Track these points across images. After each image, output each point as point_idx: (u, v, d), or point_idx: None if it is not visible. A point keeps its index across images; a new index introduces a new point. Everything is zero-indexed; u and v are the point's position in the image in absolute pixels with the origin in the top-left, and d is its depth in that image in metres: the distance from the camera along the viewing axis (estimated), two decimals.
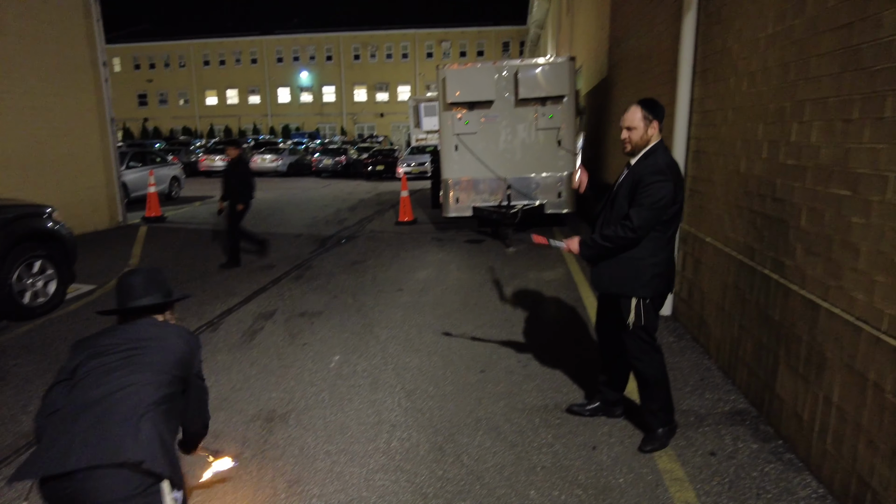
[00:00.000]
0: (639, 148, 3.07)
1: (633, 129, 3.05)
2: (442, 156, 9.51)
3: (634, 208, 2.95)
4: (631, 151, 3.11)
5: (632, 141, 3.06)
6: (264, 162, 25.94)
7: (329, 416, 3.68)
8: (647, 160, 3.03)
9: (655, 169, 2.96)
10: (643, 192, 2.94)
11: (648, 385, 3.18)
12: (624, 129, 3.10)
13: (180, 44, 54.54)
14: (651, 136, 3.06)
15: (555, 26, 21.66)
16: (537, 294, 6.17)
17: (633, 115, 3.05)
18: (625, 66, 8.21)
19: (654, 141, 3.07)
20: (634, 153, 3.10)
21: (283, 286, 6.85)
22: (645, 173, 2.96)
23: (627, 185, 3.05)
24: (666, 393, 3.21)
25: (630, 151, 3.11)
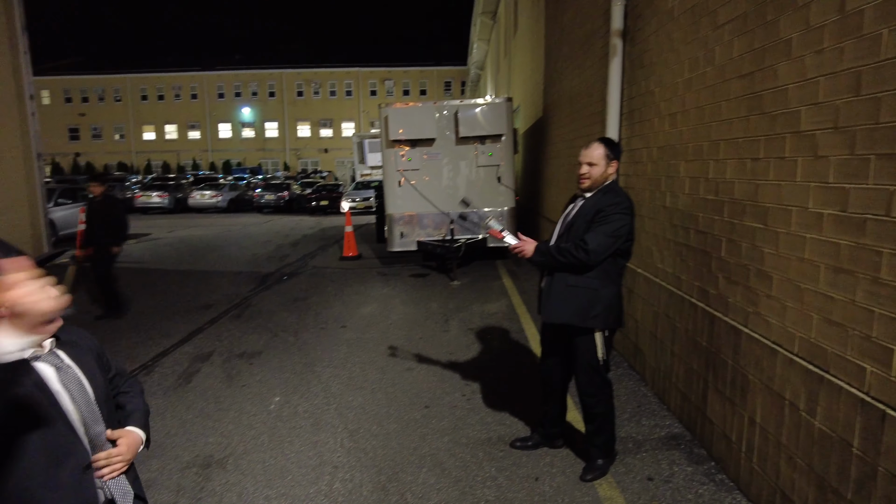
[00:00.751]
0: (597, 184, 3.16)
1: (594, 165, 3.12)
2: (386, 191, 9.59)
3: (592, 233, 3.00)
4: (589, 187, 3.16)
5: (592, 176, 3.12)
6: (204, 198, 25.28)
7: (269, 460, 3.56)
8: (608, 194, 3.13)
9: (618, 201, 3.07)
10: (604, 219, 3.01)
11: (596, 420, 3.23)
12: (584, 164, 3.15)
13: (116, 77, 53.06)
14: (610, 175, 3.16)
15: (493, 68, 22.46)
16: (481, 327, 6.24)
17: (595, 152, 3.13)
18: (559, 107, 8.59)
19: (610, 179, 3.18)
20: (591, 189, 3.17)
21: (220, 326, 6.64)
22: (607, 203, 3.06)
23: (586, 215, 3.10)
24: (612, 427, 3.29)
25: (588, 187, 3.16)
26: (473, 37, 26.21)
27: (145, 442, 1.75)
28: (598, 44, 6.07)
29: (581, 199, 3.22)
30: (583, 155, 3.19)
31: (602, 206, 3.04)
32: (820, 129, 2.42)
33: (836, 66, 2.33)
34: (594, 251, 2.97)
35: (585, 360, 3.15)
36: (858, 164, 2.20)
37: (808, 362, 2.47)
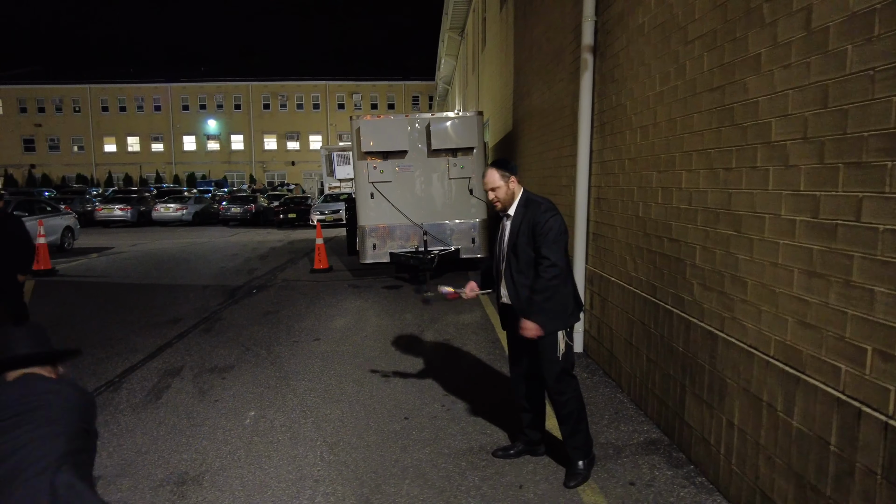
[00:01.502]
0: (509, 202, 3.34)
1: (496, 188, 3.31)
2: (358, 203, 9.55)
3: (545, 247, 3.13)
4: (503, 208, 3.36)
5: (500, 199, 3.33)
6: (168, 211, 24.73)
7: (247, 476, 3.48)
8: (531, 206, 3.28)
9: (546, 207, 3.24)
10: (545, 229, 3.15)
11: (570, 420, 3.28)
12: (489, 191, 3.35)
13: (75, 87, 51.65)
14: (514, 190, 3.34)
15: (461, 83, 22.70)
16: (456, 337, 6.24)
17: (492, 178, 3.32)
18: (528, 121, 8.73)
19: (518, 192, 3.36)
20: (506, 207, 3.36)
21: (190, 340, 6.48)
22: (538, 213, 3.21)
23: (525, 233, 3.24)
24: (586, 426, 3.35)
25: (503, 208, 3.36)
26: (441, 52, 26.46)
27: None
28: (568, 59, 6.21)
29: (507, 219, 3.39)
30: (484, 184, 3.41)
31: (535, 219, 3.20)
32: (790, 140, 2.53)
33: (804, 80, 2.44)
34: (559, 260, 3.14)
35: (549, 360, 3.24)
36: (828, 173, 2.31)
37: (785, 364, 2.55)
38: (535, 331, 3.15)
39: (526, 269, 3.25)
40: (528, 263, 3.24)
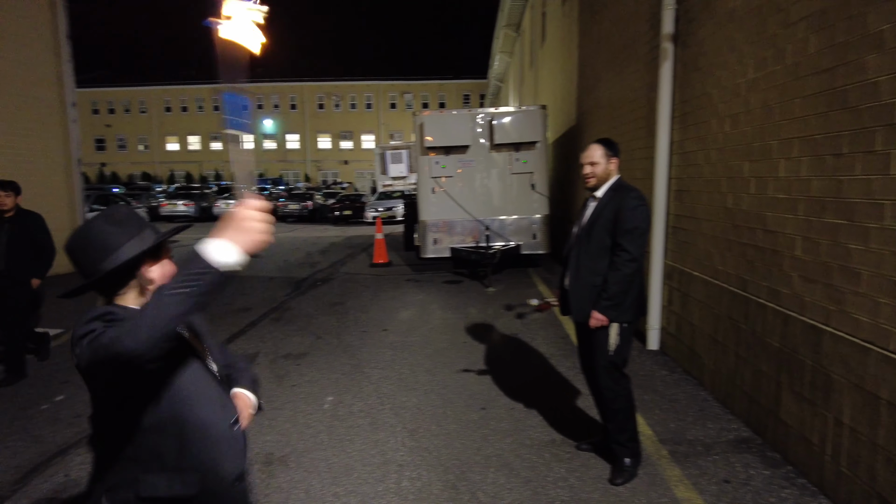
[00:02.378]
0: (602, 182, 3.25)
1: (595, 164, 3.23)
2: (419, 199, 9.61)
3: (626, 238, 3.05)
4: (594, 186, 3.27)
5: (596, 174, 3.24)
6: (228, 207, 25.52)
7: (331, 458, 3.54)
8: (621, 191, 3.18)
9: (636, 195, 3.13)
10: (630, 218, 3.06)
11: (617, 417, 3.21)
12: (586, 164, 3.27)
13: (141, 90, 54.10)
14: (612, 171, 3.25)
15: (517, 79, 22.53)
16: (524, 332, 6.19)
17: (595, 152, 3.25)
18: (595, 114, 8.57)
19: (614, 175, 3.27)
20: (597, 187, 3.27)
21: (261, 328, 6.67)
22: (626, 199, 3.11)
23: (607, 216, 3.15)
24: (634, 424, 3.27)
25: (594, 186, 3.27)
26: (495, 49, 26.35)
27: (257, 406, 1.82)
28: (643, 50, 6.06)
29: (593, 201, 3.29)
30: (583, 157, 3.31)
31: (622, 205, 3.10)
32: None
33: None
34: (639, 255, 3.06)
35: (601, 351, 3.17)
36: None
37: None
38: (597, 321, 3.09)
39: (595, 254, 3.17)
40: (600, 249, 3.16)
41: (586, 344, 3.33)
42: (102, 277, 1.44)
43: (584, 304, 3.18)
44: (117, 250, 1.44)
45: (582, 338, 3.40)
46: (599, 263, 3.14)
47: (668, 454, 3.45)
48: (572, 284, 3.26)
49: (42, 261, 5.14)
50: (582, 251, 3.23)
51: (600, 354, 3.16)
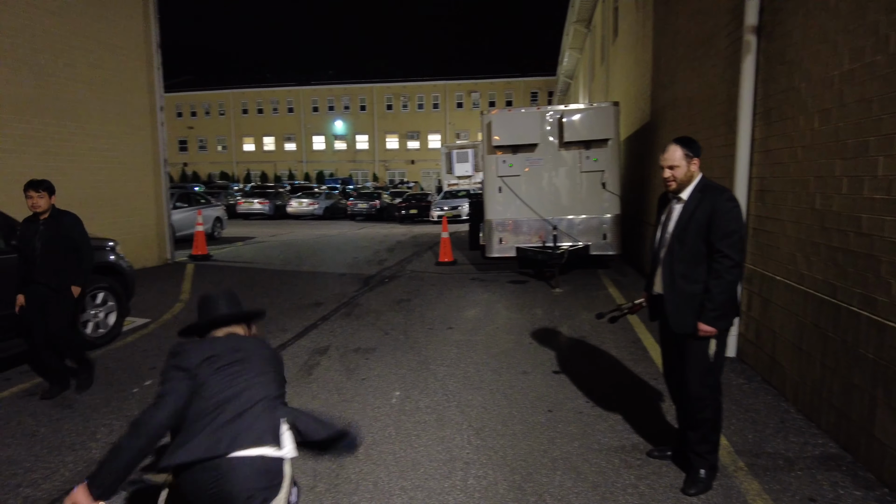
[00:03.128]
0: (684, 184, 3.11)
1: (675, 167, 3.09)
2: (485, 198, 9.60)
3: (725, 243, 2.91)
4: (676, 189, 3.14)
5: (676, 178, 3.10)
6: (301, 205, 26.59)
7: (399, 452, 3.61)
8: (710, 192, 3.03)
9: (729, 196, 2.99)
10: (727, 222, 2.91)
11: (703, 426, 3.08)
12: (666, 168, 3.13)
13: (220, 93, 57.00)
14: (693, 172, 3.11)
15: (587, 76, 22.08)
16: (592, 335, 6.07)
17: (674, 154, 3.10)
18: (671, 111, 8.27)
19: (696, 176, 3.12)
20: (680, 189, 3.13)
21: (333, 323, 6.87)
22: (719, 201, 2.96)
23: (699, 220, 3.00)
24: (717, 437, 3.13)
25: (676, 189, 3.14)
26: (565, 46, 25.94)
27: None
28: (723, 43, 5.79)
29: (677, 202, 3.15)
30: (663, 159, 3.16)
31: (715, 208, 2.95)
32: None
33: None
34: (741, 260, 2.96)
35: (696, 360, 3.04)
36: None
37: None
38: (706, 332, 2.97)
39: (690, 261, 3.04)
40: (695, 255, 3.03)
41: (676, 351, 3.21)
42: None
43: (683, 315, 3.05)
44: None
45: (670, 345, 3.28)
46: (696, 271, 3.02)
47: (746, 467, 3.29)
48: (667, 293, 3.13)
49: (81, 266, 4.72)
50: (675, 259, 3.10)
51: (696, 362, 3.04)
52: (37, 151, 8.73)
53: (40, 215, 4.64)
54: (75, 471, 3.51)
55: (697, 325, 2.98)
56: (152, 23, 11.15)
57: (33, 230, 4.62)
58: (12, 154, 8.30)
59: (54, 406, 4.49)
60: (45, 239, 4.59)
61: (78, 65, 9.51)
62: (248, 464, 1.95)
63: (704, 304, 2.96)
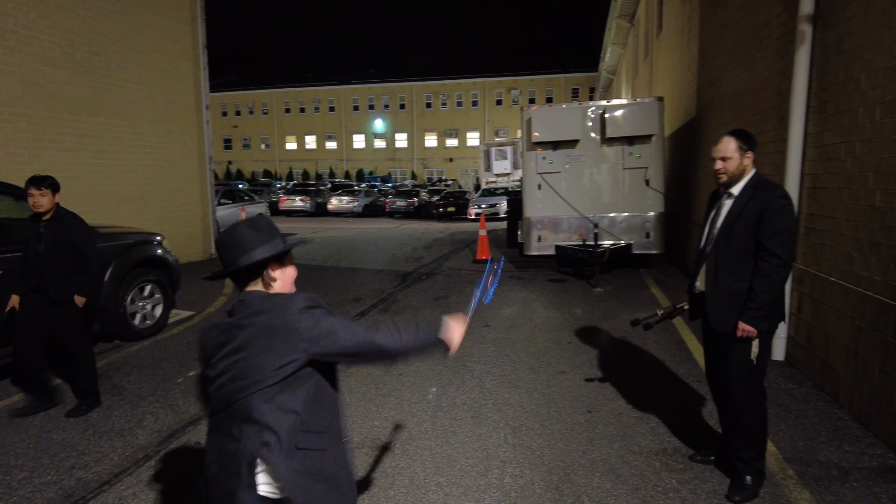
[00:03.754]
0: (735, 178, 2.99)
1: (728, 159, 2.97)
2: (524, 195, 9.51)
3: (775, 242, 2.79)
4: (727, 182, 3.02)
5: (728, 171, 2.99)
6: (342, 203, 26.97)
7: (435, 448, 3.60)
8: (763, 188, 2.90)
9: (781, 193, 2.86)
10: (779, 219, 2.79)
11: (747, 432, 2.96)
12: (717, 160, 3.01)
13: (264, 92, 58.26)
14: (746, 166, 2.98)
15: (630, 71, 21.64)
16: (635, 336, 5.93)
17: (727, 146, 2.98)
18: (717, 106, 8.01)
19: (749, 170, 3.00)
20: (731, 183, 3.01)
21: (371, 318, 6.92)
22: (772, 198, 2.83)
23: (749, 216, 2.88)
24: (763, 441, 3.00)
25: (726, 182, 3.02)
26: (607, 41, 25.47)
27: None
28: (775, 35, 5.56)
29: (728, 198, 3.02)
30: (715, 151, 3.04)
31: (767, 204, 2.82)
32: None
33: None
34: (791, 259, 2.83)
35: (739, 362, 2.92)
36: None
37: None
38: (745, 331, 2.85)
39: (737, 258, 2.93)
40: (742, 252, 2.91)
41: (719, 352, 3.10)
42: (238, 270, 1.74)
43: (724, 312, 2.94)
44: (252, 251, 1.72)
45: (712, 345, 3.17)
46: (742, 268, 2.90)
47: (796, 475, 3.15)
48: (709, 290, 3.03)
49: (86, 274, 4.24)
50: (720, 254, 2.99)
51: (737, 364, 2.93)
52: (92, 150, 9.08)
53: (42, 215, 4.13)
54: (124, 455, 3.63)
55: (738, 325, 2.87)
56: (199, 24, 11.46)
57: (34, 232, 4.15)
58: (70, 152, 8.66)
59: (104, 393, 4.66)
60: (49, 243, 4.12)
61: (130, 66, 9.85)
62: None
63: (747, 302, 2.85)
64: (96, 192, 9.09)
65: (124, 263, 6.00)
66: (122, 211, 9.51)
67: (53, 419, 4.19)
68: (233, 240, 1.73)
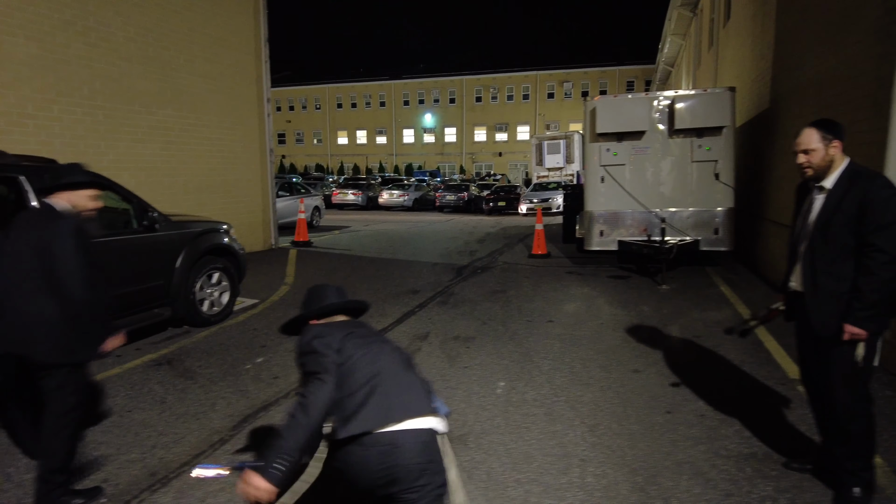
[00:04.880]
0: (823, 170, 2.77)
1: (811, 151, 2.76)
2: (586, 188, 9.27)
3: (880, 234, 2.55)
4: (815, 175, 2.80)
5: (812, 164, 2.78)
6: (392, 197, 27.21)
7: (509, 444, 3.50)
8: (861, 179, 2.66)
9: (884, 183, 2.63)
10: (880, 210, 2.55)
11: (853, 441, 2.74)
12: (800, 152, 2.81)
13: (317, 88, 59.37)
14: (833, 156, 2.75)
15: (691, 62, 20.87)
16: (707, 336, 5.66)
17: (809, 138, 2.78)
18: (796, 96, 7.57)
19: (839, 160, 2.77)
20: (820, 176, 2.79)
21: (430, 310, 6.88)
22: (872, 189, 2.60)
23: (847, 211, 2.65)
24: (871, 451, 2.77)
25: (814, 175, 2.81)
26: (666, 32, 24.67)
27: None
28: (871, 15, 5.18)
29: (819, 192, 2.80)
30: (796, 144, 2.83)
31: (867, 196, 2.59)
32: None
33: None
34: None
35: (843, 366, 2.70)
36: None
37: None
38: (853, 334, 2.63)
39: (835, 257, 2.70)
40: (841, 250, 2.68)
41: (819, 355, 2.87)
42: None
43: (827, 315, 2.73)
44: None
45: (809, 348, 2.95)
46: (843, 267, 2.68)
47: None
48: (809, 293, 2.82)
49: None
50: (817, 253, 2.78)
51: (841, 367, 2.72)
52: (161, 141, 9.39)
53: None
54: (200, 437, 3.69)
55: (843, 327, 2.65)
56: (261, 18, 11.67)
57: None
58: (140, 143, 8.97)
59: (178, 376, 4.78)
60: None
61: (196, 60, 10.12)
62: (416, 436, 1.94)
63: (852, 303, 2.63)
64: (164, 183, 9.39)
65: (194, 251, 6.15)
66: (187, 201, 9.80)
67: (133, 399, 4.31)
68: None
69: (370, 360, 2.07)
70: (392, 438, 1.91)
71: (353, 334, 2.16)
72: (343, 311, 2.41)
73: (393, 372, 2.08)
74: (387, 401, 1.97)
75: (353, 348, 2.09)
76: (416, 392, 2.06)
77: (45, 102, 7.54)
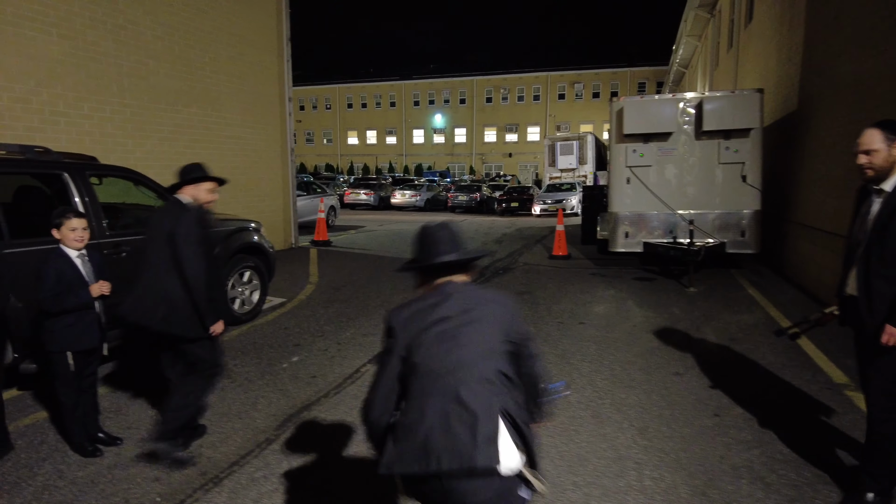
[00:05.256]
0: (884, 172, 2.73)
1: (873, 151, 2.72)
2: (610, 189, 9.22)
3: None
4: (875, 177, 2.75)
5: (874, 165, 2.73)
6: (404, 197, 27.23)
7: (561, 446, 3.48)
8: None
9: None
10: None
11: (881, 446, 2.72)
12: (861, 153, 2.76)
13: (327, 87, 59.48)
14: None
15: (708, 64, 20.77)
16: (742, 340, 5.61)
17: (872, 137, 2.73)
18: (828, 97, 7.50)
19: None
20: (881, 178, 2.74)
21: None
22: None
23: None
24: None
25: (873, 177, 2.76)
26: (682, 33, 24.53)
27: None
28: None
29: (878, 195, 2.76)
30: (858, 144, 2.79)
31: None
32: None
33: None
34: None
35: (885, 369, 2.69)
36: None
37: None
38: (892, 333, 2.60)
39: (891, 261, 2.66)
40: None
41: (867, 359, 2.85)
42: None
43: (878, 318, 2.69)
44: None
45: (867, 353, 2.91)
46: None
47: None
48: (861, 295, 2.79)
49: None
50: (872, 256, 2.74)
51: (884, 371, 2.70)
52: (186, 139, 9.42)
53: None
54: (245, 437, 3.69)
55: (885, 328, 2.62)
56: (283, 16, 11.70)
57: None
58: (166, 142, 9.01)
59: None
60: None
61: (220, 58, 10.16)
62: (472, 482, 1.69)
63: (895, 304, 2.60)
64: None
65: (226, 249, 6.16)
66: None
67: None
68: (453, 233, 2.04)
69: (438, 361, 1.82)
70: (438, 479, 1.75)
71: (443, 320, 1.86)
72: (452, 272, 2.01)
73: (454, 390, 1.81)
74: (427, 441, 1.76)
75: (431, 341, 1.85)
76: (463, 430, 1.74)
77: (76, 100, 7.58)
